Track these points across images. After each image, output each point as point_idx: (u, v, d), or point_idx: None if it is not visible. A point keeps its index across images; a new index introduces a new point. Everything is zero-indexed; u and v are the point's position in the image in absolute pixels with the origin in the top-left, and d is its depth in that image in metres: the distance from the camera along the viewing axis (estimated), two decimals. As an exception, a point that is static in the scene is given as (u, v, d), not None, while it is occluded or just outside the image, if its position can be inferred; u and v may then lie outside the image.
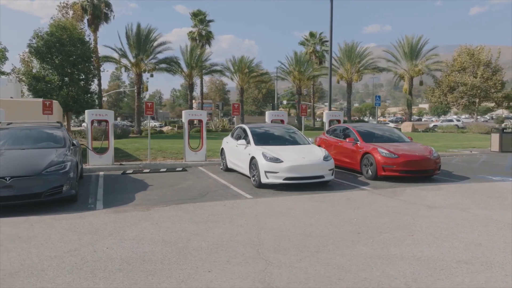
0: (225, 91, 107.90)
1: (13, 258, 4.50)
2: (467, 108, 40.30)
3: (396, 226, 5.80)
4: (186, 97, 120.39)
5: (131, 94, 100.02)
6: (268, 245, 4.93)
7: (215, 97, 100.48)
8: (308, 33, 48.82)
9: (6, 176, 6.40)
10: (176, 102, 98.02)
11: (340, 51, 43.95)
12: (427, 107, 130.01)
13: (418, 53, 42.75)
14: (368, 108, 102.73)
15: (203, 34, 46.24)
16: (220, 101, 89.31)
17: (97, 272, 4.08)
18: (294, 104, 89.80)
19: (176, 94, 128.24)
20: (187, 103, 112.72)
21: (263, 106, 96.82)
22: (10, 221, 6.06)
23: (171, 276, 3.98)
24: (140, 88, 37.97)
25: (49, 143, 8.22)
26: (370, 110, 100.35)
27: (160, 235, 5.37)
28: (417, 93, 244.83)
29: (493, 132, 18.31)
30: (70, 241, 5.12)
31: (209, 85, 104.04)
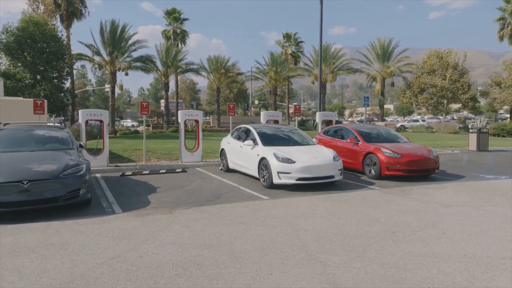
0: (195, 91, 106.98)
1: (58, 266, 4.30)
2: (436, 108, 41.92)
3: (424, 224, 5.98)
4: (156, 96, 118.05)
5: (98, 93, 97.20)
6: (313, 246, 4.96)
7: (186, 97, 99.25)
8: (284, 34, 49.18)
9: (23, 180, 6.08)
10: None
11: (315, 52, 44.55)
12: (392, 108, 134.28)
13: (389, 55, 44.06)
14: (337, 108, 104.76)
15: (178, 32, 45.55)
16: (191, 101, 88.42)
17: (157, 279, 3.96)
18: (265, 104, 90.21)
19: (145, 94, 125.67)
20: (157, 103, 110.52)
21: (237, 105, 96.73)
22: (31, 227, 5.77)
23: (236, 280, 3.93)
24: (114, 86, 36.91)
25: (56, 145, 7.87)
26: (339, 110, 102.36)
27: (199, 238, 5.28)
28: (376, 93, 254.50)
29: (471, 132, 19.19)
30: (108, 246, 4.94)
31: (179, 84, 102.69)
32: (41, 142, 7.82)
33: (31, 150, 7.38)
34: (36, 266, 4.29)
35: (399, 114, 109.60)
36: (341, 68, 44.73)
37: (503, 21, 41.33)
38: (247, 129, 10.71)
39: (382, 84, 44.43)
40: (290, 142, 10.01)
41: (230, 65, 42.88)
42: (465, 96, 38.54)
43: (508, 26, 40.50)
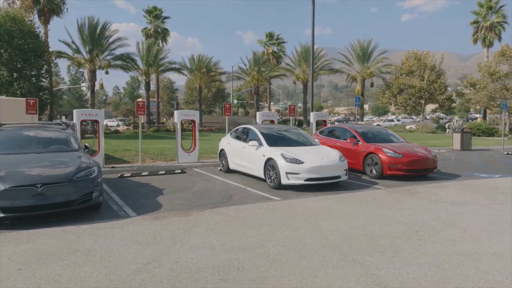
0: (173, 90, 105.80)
1: (93, 273, 4.14)
2: (414, 109, 42.97)
3: (442, 223, 6.11)
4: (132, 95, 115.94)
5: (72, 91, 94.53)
6: (345, 247, 4.98)
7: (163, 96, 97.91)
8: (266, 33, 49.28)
9: (37, 184, 5.83)
10: (122, 100, 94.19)
11: (297, 53, 44.92)
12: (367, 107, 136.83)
13: (369, 56, 44.92)
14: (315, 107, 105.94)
15: (159, 31, 44.89)
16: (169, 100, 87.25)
17: (203, 284, 3.88)
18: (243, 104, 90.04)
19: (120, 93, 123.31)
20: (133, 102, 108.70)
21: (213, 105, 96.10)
22: (47, 233, 5.55)
23: (283, 284, 3.89)
24: (94, 85, 36.04)
25: (61, 146, 7.59)
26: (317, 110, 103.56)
27: (227, 241, 5.21)
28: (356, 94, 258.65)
29: (455, 132, 19.81)
30: (137, 252, 4.80)
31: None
32: (46, 144, 7.52)
33: (37, 152, 7.08)
34: (70, 274, 4.12)
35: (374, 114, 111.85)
36: (322, 69, 45.29)
37: (476, 24, 42.81)
38: (249, 130, 10.66)
39: (362, 85, 45.22)
40: (294, 142, 10.03)
41: (212, 64, 42.64)
42: (442, 96, 39.68)
43: (481, 29, 41.98)
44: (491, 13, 41.70)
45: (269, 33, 49.22)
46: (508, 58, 35.90)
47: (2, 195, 5.65)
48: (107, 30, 35.52)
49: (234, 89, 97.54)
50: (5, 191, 5.66)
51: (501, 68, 36.14)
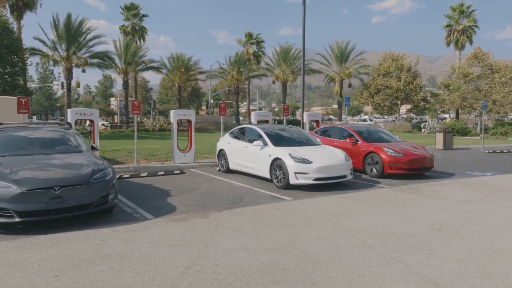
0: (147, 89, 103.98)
1: (137, 279, 4.00)
2: (390, 109, 44.04)
3: (460, 220, 6.27)
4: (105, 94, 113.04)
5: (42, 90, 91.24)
6: (378, 246, 5.02)
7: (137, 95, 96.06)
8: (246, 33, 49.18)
9: (54, 186, 5.58)
10: (95, 99, 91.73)
11: (276, 53, 45.10)
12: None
13: (347, 57, 45.66)
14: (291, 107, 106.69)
15: (137, 29, 44.01)
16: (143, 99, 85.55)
17: (253, 286, 3.82)
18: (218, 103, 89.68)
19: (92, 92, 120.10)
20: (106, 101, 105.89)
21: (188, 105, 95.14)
22: (69, 237, 5.32)
23: (334, 284, 3.89)
24: (71, 84, 34.92)
25: (69, 147, 7.28)
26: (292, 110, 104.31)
27: (259, 242, 5.16)
28: (329, 94, 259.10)
29: (437, 131, 20.47)
30: (172, 255, 4.67)
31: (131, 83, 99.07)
32: (53, 144, 7.20)
33: (46, 153, 6.77)
34: (112, 280, 3.96)
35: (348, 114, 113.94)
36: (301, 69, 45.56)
37: (449, 28, 44.31)
38: (251, 130, 10.61)
39: (340, 85, 45.92)
40: (298, 142, 10.05)
41: (192, 64, 42.20)
42: (417, 97, 40.85)
43: (454, 32, 43.48)
44: (463, 17, 43.27)
45: (248, 33, 49.20)
46: (480, 60, 37.37)
47: (18, 199, 5.38)
48: (83, 27, 34.52)
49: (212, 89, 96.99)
50: (21, 195, 5.39)
51: (474, 70, 37.56)
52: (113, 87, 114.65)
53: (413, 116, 75.57)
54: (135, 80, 44.37)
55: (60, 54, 33.70)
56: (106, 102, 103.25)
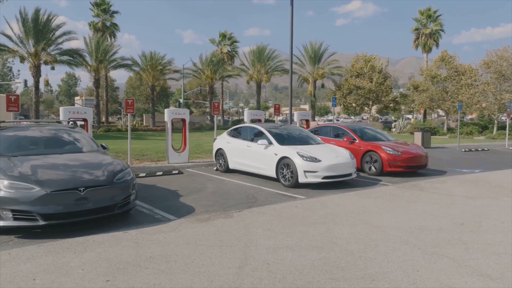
0: (113, 88, 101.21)
1: (194, 280, 3.88)
2: (362, 109, 45.16)
3: (476, 215, 6.52)
4: (68, 93, 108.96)
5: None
6: (414, 241, 5.13)
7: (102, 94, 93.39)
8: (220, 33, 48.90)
9: (79, 187, 5.31)
10: (59, 98, 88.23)
11: (252, 53, 45.12)
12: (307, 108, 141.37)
13: (320, 58, 46.37)
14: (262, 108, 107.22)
15: (107, 25, 42.70)
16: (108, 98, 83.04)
17: (317, 284, 3.81)
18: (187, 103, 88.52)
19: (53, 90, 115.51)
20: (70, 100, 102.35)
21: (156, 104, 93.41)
22: (98, 240, 5.09)
23: (393, 279, 3.94)
24: (39, 82, 33.42)
25: (80, 146, 6.93)
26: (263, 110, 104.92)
27: (296, 240, 5.14)
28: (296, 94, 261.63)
29: (416, 131, 21.17)
30: (216, 255, 4.57)
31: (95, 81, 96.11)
32: (63, 144, 6.84)
33: (60, 153, 6.44)
34: (169, 282, 3.83)
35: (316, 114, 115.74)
36: (275, 69, 45.92)
37: (417, 31, 45.99)
38: (253, 129, 10.56)
39: (314, 86, 46.57)
40: (302, 141, 10.09)
41: (166, 62, 41.47)
42: (388, 98, 42.09)
43: (422, 36, 45.18)
44: (430, 21, 45.06)
45: (222, 33, 48.95)
46: (446, 63, 39.04)
47: (42, 201, 5.08)
48: (52, 23, 33.14)
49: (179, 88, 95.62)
50: (46, 196, 5.10)
51: (441, 72, 39.19)
52: (77, 86, 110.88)
53: (379, 116, 77.99)
54: (106, 78, 43.04)
55: (27, 50, 32.18)
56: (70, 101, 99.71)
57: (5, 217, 5.04)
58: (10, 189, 5.07)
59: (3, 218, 5.05)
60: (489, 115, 35.79)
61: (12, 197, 5.04)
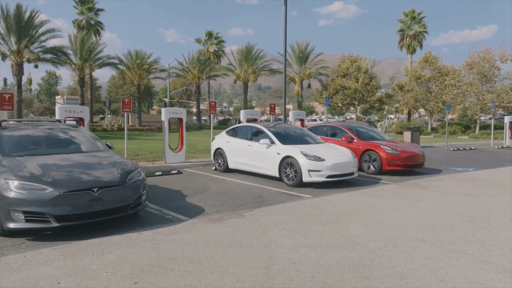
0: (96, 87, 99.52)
1: (223, 280, 3.83)
2: (348, 109, 45.61)
3: (482, 212, 6.63)
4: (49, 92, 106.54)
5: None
6: (431, 239, 5.18)
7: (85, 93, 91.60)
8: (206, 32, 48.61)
9: (93, 187, 5.18)
10: (39, 97, 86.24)
11: (238, 53, 45.02)
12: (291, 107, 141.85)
13: (307, 57, 46.62)
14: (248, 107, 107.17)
15: (92, 23, 41.92)
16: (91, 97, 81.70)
17: (347, 283, 3.80)
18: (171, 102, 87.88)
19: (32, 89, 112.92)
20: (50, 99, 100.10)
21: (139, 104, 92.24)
22: (114, 241, 4.97)
23: (421, 276, 3.96)
24: (21, 80, 32.56)
25: (86, 146, 6.75)
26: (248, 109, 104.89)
27: (314, 239, 5.13)
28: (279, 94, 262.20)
29: (405, 130, 21.48)
30: (239, 255, 4.53)
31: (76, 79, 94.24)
32: (69, 143, 6.65)
33: (67, 153, 6.27)
34: (199, 283, 3.76)
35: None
36: (262, 69, 45.94)
37: (402, 32, 46.71)
38: (254, 128, 10.53)
39: (301, 86, 46.79)
40: (303, 140, 10.10)
41: (153, 61, 40.99)
42: (373, 98, 42.63)
43: (406, 37, 45.91)
44: (414, 23, 45.84)
45: (208, 32, 48.67)
46: (430, 64, 39.80)
47: (55, 202, 4.93)
48: (35, 19, 32.33)
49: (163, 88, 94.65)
50: (59, 197, 4.95)
51: (425, 73, 39.93)
52: (58, 85, 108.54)
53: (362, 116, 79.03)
54: (90, 76, 42.23)
55: (9, 47, 31.32)
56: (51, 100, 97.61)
57: (17, 219, 4.88)
58: (21, 190, 4.91)
59: (15, 220, 4.88)
60: (472, 115, 36.62)
61: (24, 198, 4.87)
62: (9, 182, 4.96)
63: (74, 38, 37.53)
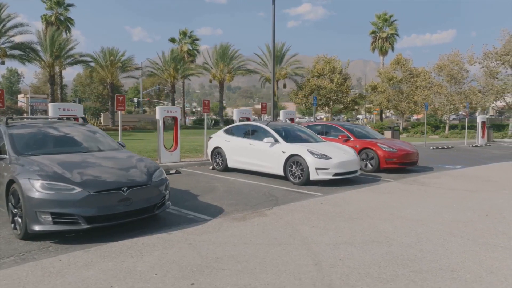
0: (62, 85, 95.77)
1: (281, 279, 3.78)
2: (323, 109, 46.32)
3: (492, 207, 6.89)
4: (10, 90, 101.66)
5: None
6: (460, 233, 5.33)
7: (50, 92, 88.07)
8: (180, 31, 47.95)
9: (122, 187, 4.97)
10: None
11: (214, 52, 44.73)
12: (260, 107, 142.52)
13: (282, 58, 46.94)
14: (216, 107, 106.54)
15: (62, 19, 40.37)
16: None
17: (405, 278, 3.85)
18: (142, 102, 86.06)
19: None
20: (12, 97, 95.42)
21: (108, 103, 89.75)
22: (146, 242, 4.80)
23: (470, 270, 4.06)
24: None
25: (100, 144, 6.44)
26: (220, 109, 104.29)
27: (349, 236, 5.16)
28: (249, 94, 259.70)
29: (386, 129, 22.08)
30: (283, 254, 4.48)
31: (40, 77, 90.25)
32: (82, 141, 6.32)
33: (84, 151, 5.98)
34: (257, 282, 3.69)
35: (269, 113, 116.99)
36: (239, 68, 45.85)
37: (374, 34, 47.92)
38: (255, 127, 10.47)
39: (276, 86, 47.00)
40: (305, 139, 10.14)
41: (127, 59, 40.00)
42: (348, 98, 43.50)
43: (379, 39, 47.14)
44: (386, 26, 47.15)
45: (182, 31, 48.01)
46: (402, 65, 41.08)
47: (84, 203, 4.69)
48: (2, 13, 30.83)
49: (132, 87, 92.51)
50: (89, 198, 4.71)
51: (397, 75, 41.17)
52: (20, 83, 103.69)
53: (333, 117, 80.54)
54: (60, 74, 40.62)
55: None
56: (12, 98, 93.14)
57: (44, 221, 4.61)
58: (48, 191, 4.64)
59: (42, 222, 4.61)
60: (442, 115, 38.08)
61: (52, 199, 4.61)
62: (33, 182, 4.68)
63: (43, 34, 36.00)
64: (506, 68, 32.51)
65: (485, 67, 32.90)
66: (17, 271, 3.91)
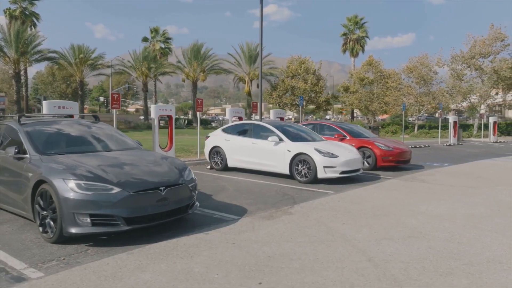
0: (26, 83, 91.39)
1: (344, 274, 3.79)
2: (297, 109, 46.82)
3: (499, 202, 7.22)
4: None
5: None
6: (482, 226, 5.54)
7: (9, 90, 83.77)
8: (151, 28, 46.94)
9: (160, 186, 4.81)
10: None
11: (188, 51, 44.18)
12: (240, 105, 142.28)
13: (256, 58, 46.99)
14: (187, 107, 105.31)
15: (27, 14, 38.50)
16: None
17: (456, 270, 3.96)
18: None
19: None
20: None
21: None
22: (188, 243, 4.68)
23: (501, 260, 4.25)
24: None
25: (121, 143, 6.18)
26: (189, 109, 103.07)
27: (384, 232, 5.25)
28: (216, 94, 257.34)
29: (367, 129, 22.59)
30: (331, 251, 4.50)
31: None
32: (103, 140, 6.04)
33: (107, 150, 5.72)
34: (323, 280, 3.69)
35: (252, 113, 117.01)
36: (212, 68, 45.52)
37: (345, 36, 48.97)
38: (257, 126, 10.43)
39: (250, 85, 47.08)
40: (308, 138, 10.21)
41: (97, 56, 38.75)
42: (321, 98, 44.22)
43: (350, 41, 48.22)
44: (357, 28, 48.31)
45: (154, 29, 47.07)
46: (373, 67, 42.23)
47: (125, 203, 4.50)
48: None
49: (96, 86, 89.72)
50: (129, 198, 4.53)
51: (369, 76, 42.28)
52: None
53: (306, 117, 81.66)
54: (25, 71, 38.78)
55: None
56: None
57: (82, 223, 4.38)
58: (86, 191, 4.41)
59: (80, 224, 4.38)
60: (411, 115, 39.48)
61: (90, 200, 4.39)
62: (69, 182, 4.43)
63: (8, 29, 34.22)
64: (472, 71, 34.19)
65: (452, 70, 34.44)
66: (69, 276, 3.70)
